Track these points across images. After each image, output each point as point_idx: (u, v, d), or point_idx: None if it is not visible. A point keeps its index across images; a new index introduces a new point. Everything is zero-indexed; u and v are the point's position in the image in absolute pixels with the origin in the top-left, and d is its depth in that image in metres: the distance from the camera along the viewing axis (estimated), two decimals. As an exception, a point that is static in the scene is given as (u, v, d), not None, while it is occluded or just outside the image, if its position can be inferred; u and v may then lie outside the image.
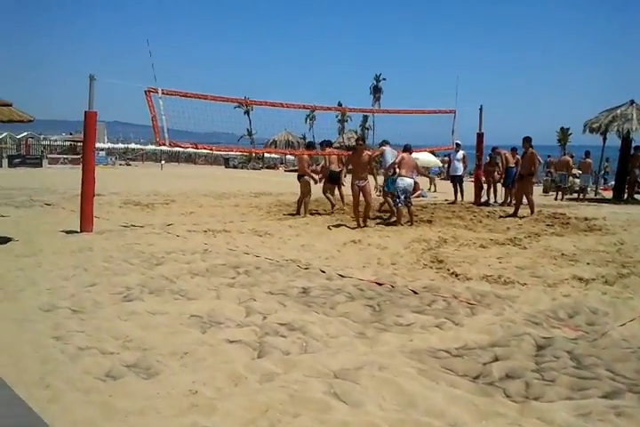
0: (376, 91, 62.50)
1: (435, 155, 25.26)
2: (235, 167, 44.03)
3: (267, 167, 45.51)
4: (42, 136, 63.73)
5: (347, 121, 50.73)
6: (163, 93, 9.49)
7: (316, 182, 12.57)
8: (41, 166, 33.35)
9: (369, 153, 11.00)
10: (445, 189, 18.99)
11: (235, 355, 3.85)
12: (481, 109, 15.33)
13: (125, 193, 17.30)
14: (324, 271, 6.55)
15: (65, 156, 37.88)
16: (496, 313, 5.03)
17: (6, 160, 34.64)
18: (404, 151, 11.67)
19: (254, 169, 42.93)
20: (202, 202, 15.31)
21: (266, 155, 46.41)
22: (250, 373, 3.54)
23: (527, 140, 12.67)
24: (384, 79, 65.20)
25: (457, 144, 15.38)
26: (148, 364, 3.65)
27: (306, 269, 6.72)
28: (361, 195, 10.62)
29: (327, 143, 13.78)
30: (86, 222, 9.10)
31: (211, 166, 52.05)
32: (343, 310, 4.98)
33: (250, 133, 50.86)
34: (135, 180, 25.59)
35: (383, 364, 3.69)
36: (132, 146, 59.10)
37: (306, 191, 12.21)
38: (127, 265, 6.69)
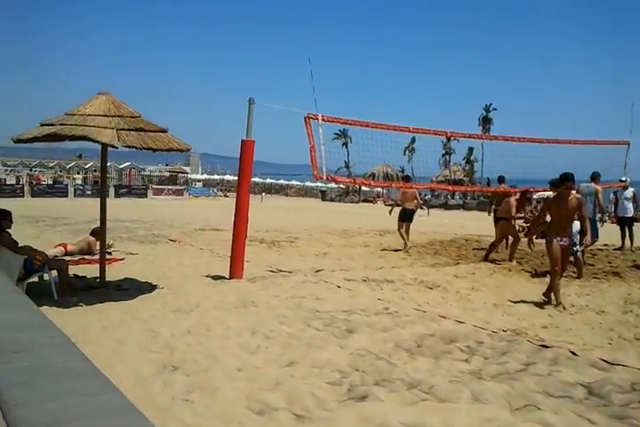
0: (485, 122, 59.80)
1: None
2: (332, 200, 43.10)
3: (363, 201, 44.26)
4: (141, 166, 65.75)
5: (451, 153, 48.87)
6: (323, 120, 8.32)
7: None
8: (146, 197, 33.58)
9: (577, 196, 7.37)
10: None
11: None
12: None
13: (242, 228, 16.37)
14: (574, 353, 4.91)
15: (170, 187, 38.13)
16: None
17: (113, 190, 35.25)
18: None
19: (352, 202, 41.79)
20: (328, 240, 14.11)
21: (363, 188, 45.21)
22: None
23: None
24: (495, 109, 62.37)
25: (622, 181, 13.37)
26: None
27: (544, 346, 5.11)
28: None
29: (502, 179, 12.33)
30: (237, 268, 7.94)
31: (303, 198, 51.64)
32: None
33: (347, 166, 49.97)
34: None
35: None
36: (228, 177, 59.67)
37: (514, 234, 11.05)
38: (313, 331, 5.35)
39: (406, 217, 12.86)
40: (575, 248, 9.24)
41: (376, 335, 5.23)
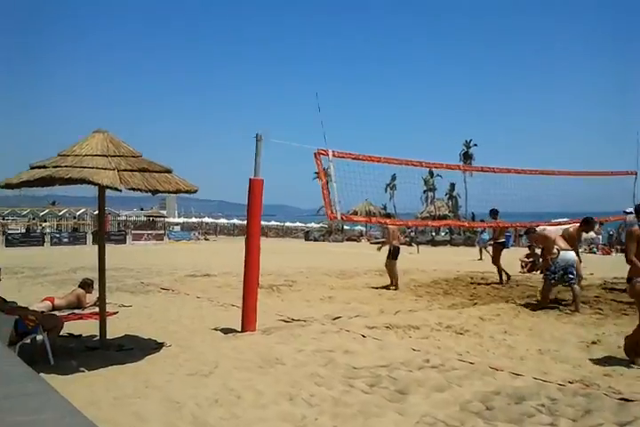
0: (466, 157, 60.40)
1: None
2: (315, 240, 42.42)
3: (347, 239, 43.67)
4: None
5: (434, 189, 48.81)
6: (334, 156, 7.79)
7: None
8: (125, 243, 32.47)
9: None
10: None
11: None
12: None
13: (235, 272, 15.54)
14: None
15: (149, 231, 37.13)
16: None
17: (90, 237, 34.11)
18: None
19: (336, 242, 41.15)
20: (327, 283, 13.43)
21: (345, 226, 44.72)
22: None
23: None
24: (475, 145, 63.19)
25: (626, 212, 13.04)
26: None
27: (625, 400, 4.48)
28: None
29: (495, 212, 11.90)
30: (250, 320, 7.21)
31: (284, 239, 50.81)
32: None
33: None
34: (230, 256, 23.99)
35: None
36: (207, 220, 58.77)
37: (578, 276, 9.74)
38: (359, 394, 4.64)
39: (395, 255, 12.64)
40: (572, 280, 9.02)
41: (433, 397, 4.55)
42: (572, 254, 9.28)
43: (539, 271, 16.17)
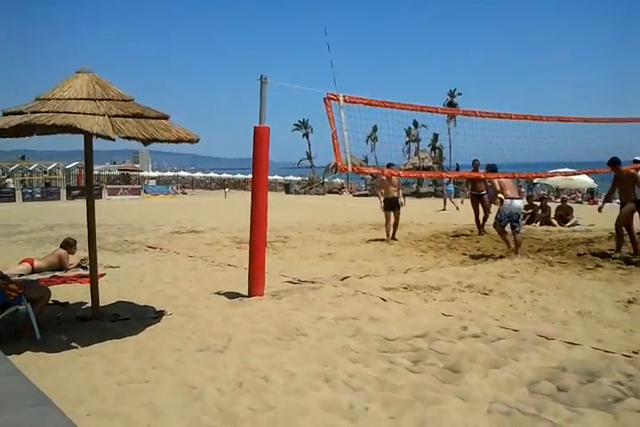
0: (451, 107, 58.76)
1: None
2: (297, 193, 41.63)
3: (329, 192, 42.98)
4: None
5: (418, 140, 47.75)
6: (344, 101, 6.95)
7: None
8: (101, 198, 31.21)
9: None
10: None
11: None
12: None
13: (222, 228, 14.88)
14: None
15: (125, 186, 35.87)
16: None
17: (65, 191, 32.82)
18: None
19: (317, 194, 40.45)
20: (322, 238, 12.79)
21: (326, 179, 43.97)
22: None
23: None
24: (459, 94, 60.50)
25: (635, 161, 12.45)
26: None
27: None
28: None
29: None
30: (257, 284, 6.52)
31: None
32: None
33: (309, 157, 48.46)
34: (213, 210, 23.23)
35: None
36: (182, 173, 57.31)
37: None
38: (405, 373, 4.01)
39: (395, 205, 12.33)
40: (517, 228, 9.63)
41: (492, 375, 3.93)
42: (517, 203, 9.78)
43: (538, 223, 15.77)
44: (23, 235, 13.61)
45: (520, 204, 10.00)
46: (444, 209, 23.16)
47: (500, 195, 9.78)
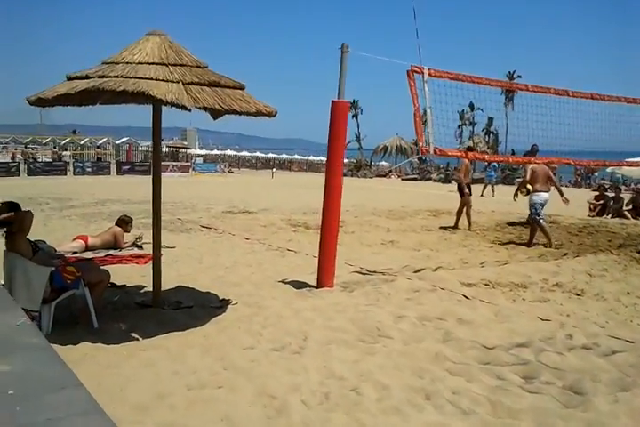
0: (509, 90, 56.41)
1: None
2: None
3: (377, 175, 42.16)
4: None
5: (474, 124, 46.29)
6: (429, 75, 6.28)
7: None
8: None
9: None
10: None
11: None
12: None
13: (275, 209, 14.42)
14: None
15: (174, 163, 35.83)
16: None
17: (115, 166, 32.97)
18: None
19: (364, 177, 39.70)
20: (380, 224, 12.18)
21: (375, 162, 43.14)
22: None
23: None
24: (519, 76, 58.27)
25: None
26: None
27: None
28: None
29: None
30: (327, 274, 5.99)
31: (307, 173, 49.42)
32: None
33: (358, 138, 47.53)
34: (262, 191, 22.85)
35: None
36: (229, 152, 57.18)
37: None
38: (520, 392, 3.43)
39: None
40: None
41: (625, 402, 3.30)
42: (545, 195, 9.28)
43: (610, 215, 14.79)
44: (75, 209, 13.46)
45: (548, 196, 9.39)
46: (482, 195, 21.82)
47: (527, 185, 9.29)
